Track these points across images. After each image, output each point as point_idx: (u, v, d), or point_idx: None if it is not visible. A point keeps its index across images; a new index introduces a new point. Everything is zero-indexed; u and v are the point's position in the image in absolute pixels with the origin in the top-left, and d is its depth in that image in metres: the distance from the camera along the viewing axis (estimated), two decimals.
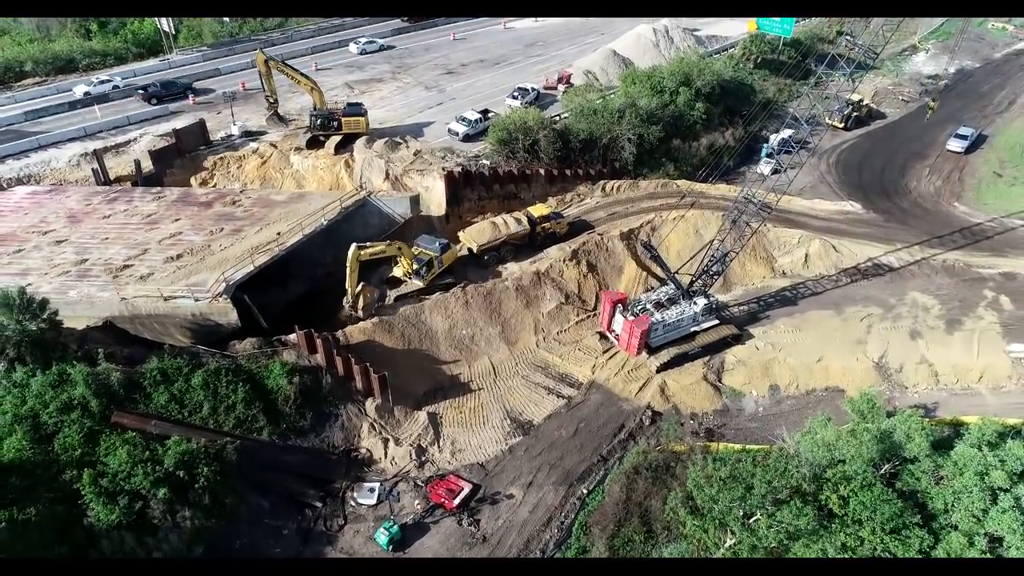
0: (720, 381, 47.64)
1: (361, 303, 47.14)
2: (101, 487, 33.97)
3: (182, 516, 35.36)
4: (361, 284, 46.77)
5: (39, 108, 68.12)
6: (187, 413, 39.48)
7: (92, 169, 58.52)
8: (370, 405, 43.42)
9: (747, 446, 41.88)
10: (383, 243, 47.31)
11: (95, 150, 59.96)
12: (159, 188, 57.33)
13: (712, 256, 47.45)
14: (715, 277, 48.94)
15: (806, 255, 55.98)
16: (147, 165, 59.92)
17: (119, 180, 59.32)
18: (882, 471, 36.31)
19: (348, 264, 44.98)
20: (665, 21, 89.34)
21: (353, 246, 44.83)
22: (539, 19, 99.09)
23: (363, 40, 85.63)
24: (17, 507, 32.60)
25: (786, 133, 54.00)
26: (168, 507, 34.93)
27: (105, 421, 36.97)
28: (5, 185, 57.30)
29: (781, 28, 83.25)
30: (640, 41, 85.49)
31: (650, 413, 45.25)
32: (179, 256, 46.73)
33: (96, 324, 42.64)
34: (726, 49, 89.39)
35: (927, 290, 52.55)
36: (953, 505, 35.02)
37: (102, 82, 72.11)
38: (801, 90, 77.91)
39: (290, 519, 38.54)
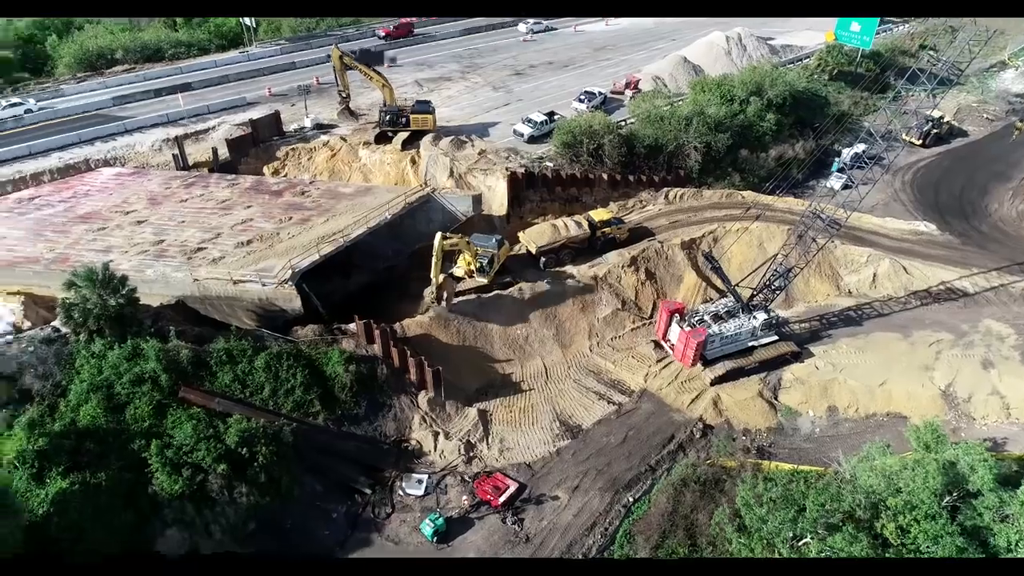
0: (776, 399, 46.61)
1: (445, 294, 46.86)
2: (166, 458, 35.72)
3: (239, 492, 36.68)
4: (442, 276, 46.50)
5: (127, 94, 71.70)
6: (248, 393, 40.96)
7: (172, 154, 61.20)
8: (423, 398, 44.23)
9: (800, 467, 40.84)
10: (457, 236, 47.43)
11: (176, 136, 62.84)
12: (234, 175, 59.60)
13: (775, 271, 46.46)
14: (777, 292, 47.89)
15: (874, 275, 54.13)
16: (224, 153, 62.38)
17: (197, 166, 61.85)
18: (944, 502, 34.94)
19: (434, 253, 44.35)
20: (739, 29, 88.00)
21: (438, 235, 44.62)
22: (610, 23, 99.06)
23: (531, 21, 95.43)
24: (90, 471, 34.60)
25: (859, 148, 52.53)
26: (227, 482, 36.35)
27: (173, 395, 38.79)
28: (93, 166, 60.52)
29: (860, 39, 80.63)
30: (712, 49, 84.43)
31: (701, 426, 44.63)
32: (249, 242, 48.42)
33: (169, 302, 44.68)
34: (801, 59, 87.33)
35: (1003, 318, 50.13)
36: (1018, 545, 33.41)
37: (11, 105, 66.25)
38: (878, 104, 75.80)
39: (340, 503, 39.59)
